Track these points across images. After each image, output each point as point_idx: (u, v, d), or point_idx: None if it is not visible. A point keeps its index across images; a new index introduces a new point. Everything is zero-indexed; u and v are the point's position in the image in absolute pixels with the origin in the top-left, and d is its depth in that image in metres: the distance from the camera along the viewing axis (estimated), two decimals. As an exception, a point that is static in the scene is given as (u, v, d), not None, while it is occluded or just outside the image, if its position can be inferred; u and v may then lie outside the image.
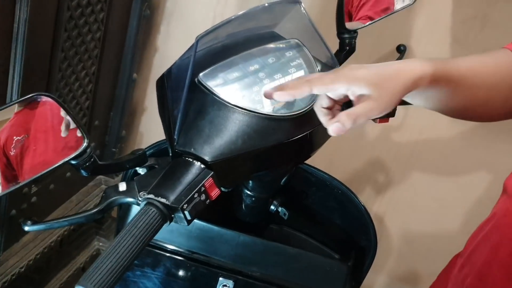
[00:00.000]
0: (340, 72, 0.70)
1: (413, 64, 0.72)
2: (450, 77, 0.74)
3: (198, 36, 0.73)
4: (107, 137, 1.68)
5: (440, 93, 0.75)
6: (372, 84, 0.68)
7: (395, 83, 0.69)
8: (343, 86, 0.68)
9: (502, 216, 0.79)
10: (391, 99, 0.68)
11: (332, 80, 0.69)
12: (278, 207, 0.96)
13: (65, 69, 1.32)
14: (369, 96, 0.67)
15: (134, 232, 0.66)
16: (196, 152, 0.73)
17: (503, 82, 0.79)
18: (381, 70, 0.70)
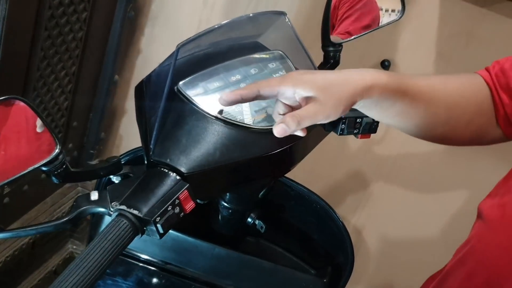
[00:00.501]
0: (287, 76, 0.71)
1: (365, 73, 0.72)
2: (405, 90, 0.73)
3: (179, 44, 0.71)
4: (86, 139, 1.65)
5: (396, 106, 0.74)
6: (318, 87, 0.68)
7: (341, 89, 0.69)
8: (288, 88, 0.69)
9: (477, 242, 0.78)
10: (337, 105, 0.68)
11: (279, 82, 0.70)
12: (255, 220, 0.94)
13: (44, 69, 1.29)
14: (314, 99, 0.68)
15: (104, 244, 0.63)
16: (172, 163, 0.71)
17: (465, 103, 0.78)
18: (329, 76, 0.70)
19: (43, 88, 1.33)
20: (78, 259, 0.62)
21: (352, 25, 0.99)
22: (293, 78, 0.70)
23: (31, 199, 1.51)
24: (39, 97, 1.33)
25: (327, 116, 0.69)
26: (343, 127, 0.85)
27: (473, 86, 0.79)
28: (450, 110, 0.78)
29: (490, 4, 1.34)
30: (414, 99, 0.75)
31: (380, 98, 0.72)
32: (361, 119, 0.86)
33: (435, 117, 0.78)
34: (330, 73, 0.71)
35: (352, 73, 0.71)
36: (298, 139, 0.77)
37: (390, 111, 0.76)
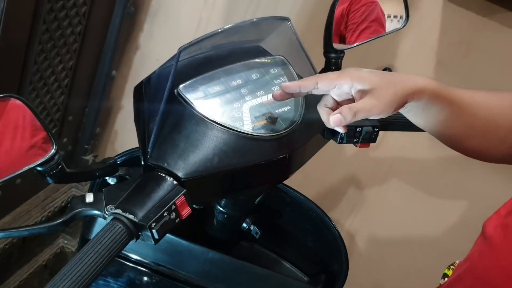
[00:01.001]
0: (345, 70, 0.74)
1: (417, 77, 0.74)
2: (452, 99, 0.76)
3: (181, 47, 0.69)
4: (81, 134, 1.64)
5: (440, 113, 0.77)
6: (375, 83, 0.71)
7: (397, 87, 0.71)
8: (346, 82, 0.71)
9: (477, 260, 0.77)
10: (391, 101, 0.71)
11: (338, 76, 0.72)
12: (250, 225, 0.94)
13: (41, 62, 1.28)
14: (370, 95, 0.71)
15: (98, 248, 0.63)
16: (169, 167, 0.70)
17: (503, 120, 0.79)
18: (385, 75, 0.73)
19: (40, 81, 1.31)
20: (71, 262, 0.61)
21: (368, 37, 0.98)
22: (351, 73, 0.72)
23: (23, 193, 1.49)
24: (35, 90, 1.31)
25: (380, 112, 0.71)
26: (342, 135, 0.84)
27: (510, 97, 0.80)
28: (488, 124, 0.79)
29: (491, 13, 1.34)
30: (458, 108, 0.77)
31: (428, 103, 0.74)
32: (361, 128, 0.85)
33: (474, 129, 0.80)
34: (385, 73, 0.74)
35: (404, 76, 0.74)
36: (297, 147, 0.76)
37: (435, 118, 0.78)
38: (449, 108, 0.76)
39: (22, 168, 0.66)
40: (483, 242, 0.76)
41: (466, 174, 1.50)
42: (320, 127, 0.83)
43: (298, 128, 0.77)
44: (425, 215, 1.61)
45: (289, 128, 0.76)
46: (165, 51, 1.65)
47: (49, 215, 1.55)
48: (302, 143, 0.78)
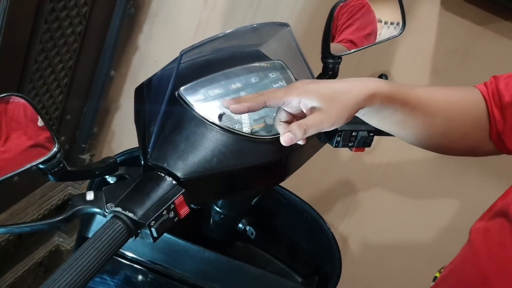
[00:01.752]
0: (292, 86, 0.72)
1: (367, 82, 0.74)
2: (406, 100, 0.76)
3: (183, 51, 0.71)
4: (78, 132, 1.65)
5: (396, 115, 0.77)
6: (322, 97, 0.70)
7: (346, 97, 0.71)
8: (294, 98, 0.71)
9: (460, 262, 0.80)
10: (341, 113, 0.70)
11: (284, 93, 0.71)
12: (246, 225, 0.95)
13: (42, 61, 1.29)
14: (319, 108, 0.70)
15: (98, 245, 0.64)
16: (169, 167, 0.72)
17: (463, 116, 0.80)
18: (333, 85, 0.72)
19: (39, 80, 1.32)
20: (72, 258, 0.62)
21: (353, 34, 1.00)
22: (298, 88, 0.71)
23: (20, 190, 1.51)
24: (35, 89, 1.32)
25: (332, 124, 0.71)
26: (338, 139, 0.86)
27: (471, 100, 0.81)
28: (448, 123, 0.80)
29: (487, 22, 1.36)
30: (414, 109, 0.77)
31: (381, 106, 0.74)
32: (357, 133, 0.87)
33: (433, 128, 0.80)
34: (334, 82, 0.73)
35: (355, 82, 0.73)
36: (294, 150, 0.78)
37: (390, 120, 0.78)
38: (404, 109, 0.76)
39: (24, 165, 0.68)
40: (467, 245, 0.79)
41: (459, 180, 1.52)
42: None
43: (295, 131, 0.79)
44: (417, 219, 1.62)
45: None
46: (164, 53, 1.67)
47: (45, 213, 1.56)
48: (299, 146, 0.79)
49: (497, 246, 0.75)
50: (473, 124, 0.81)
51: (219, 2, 1.54)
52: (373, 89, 0.72)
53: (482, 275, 0.75)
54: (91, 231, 0.94)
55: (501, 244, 0.74)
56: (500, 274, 0.73)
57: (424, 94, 0.78)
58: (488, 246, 0.76)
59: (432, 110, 0.78)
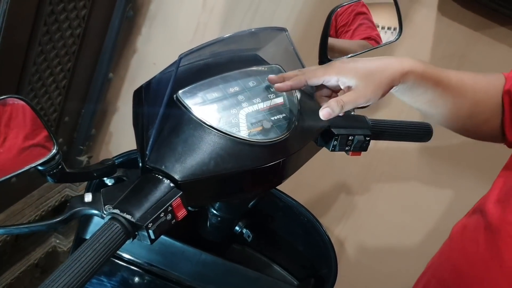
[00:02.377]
0: (331, 65, 0.78)
1: (404, 60, 0.78)
2: (438, 80, 0.80)
3: (182, 54, 0.72)
4: (76, 134, 1.66)
5: (426, 94, 0.81)
6: (359, 76, 0.76)
7: (381, 75, 0.76)
8: (333, 77, 0.77)
9: (437, 257, 0.84)
10: (376, 90, 0.76)
11: (324, 72, 0.78)
12: (243, 228, 0.96)
13: (41, 63, 1.30)
14: (356, 86, 0.75)
15: (96, 246, 0.64)
16: (166, 170, 0.72)
17: (488, 101, 0.83)
18: (370, 64, 0.77)
19: (38, 82, 1.33)
20: (69, 260, 0.63)
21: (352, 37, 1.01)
22: (337, 67, 0.77)
23: (18, 191, 1.51)
24: (33, 91, 1.33)
25: (367, 101, 0.76)
26: (335, 143, 0.87)
27: (497, 87, 0.84)
28: (474, 106, 0.84)
29: (483, 28, 1.37)
30: (444, 90, 0.81)
31: (415, 84, 0.78)
32: (353, 137, 0.88)
33: (460, 110, 0.84)
34: (371, 61, 0.78)
35: (391, 60, 0.78)
36: (291, 154, 0.79)
37: (421, 98, 0.82)
38: (435, 89, 0.80)
39: (23, 167, 0.68)
40: (447, 241, 0.82)
41: (456, 184, 1.52)
42: (314, 134, 0.85)
43: (292, 135, 0.79)
44: (413, 223, 1.63)
45: (284, 135, 0.78)
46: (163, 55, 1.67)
47: (43, 214, 1.57)
48: (296, 149, 0.80)
49: (471, 242, 0.77)
50: (496, 110, 0.84)
51: (217, 5, 1.55)
52: (408, 67, 0.77)
53: (456, 270, 0.78)
54: (88, 233, 0.94)
55: (474, 240, 0.76)
56: (471, 270, 0.75)
57: (454, 77, 0.82)
58: (463, 242, 0.79)
59: (461, 92, 0.82)
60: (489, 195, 0.82)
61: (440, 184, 1.54)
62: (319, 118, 0.85)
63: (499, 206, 0.76)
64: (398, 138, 0.98)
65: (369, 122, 0.94)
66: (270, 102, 0.81)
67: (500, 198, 0.77)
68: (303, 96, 0.86)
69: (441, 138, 1.17)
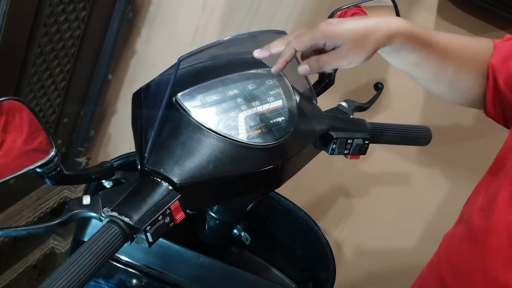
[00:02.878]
0: (318, 29, 0.76)
1: (392, 20, 0.78)
2: (426, 43, 0.79)
3: (181, 57, 0.72)
4: (75, 136, 1.65)
5: (413, 55, 0.80)
6: (344, 37, 0.74)
7: (367, 38, 0.75)
8: (320, 41, 0.75)
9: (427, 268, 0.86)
10: (360, 52, 0.75)
11: (311, 38, 0.75)
12: (241, 231, 0.96)
13: (40, 65, 1.30)
14: (341, 47, 0.75)
15: (94, 249, 0.64)
16: (165, 172, 0.72)
17: (473, 69, 0.83)
18: (357, 25, 0.76)
19: (37, 83, 1.33)
20: (67, 262, 0.63)
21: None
22: (323, 30, 0.75)
23: (16, 192, 1.51)
24: (32, 92, 1.33)
25: (349, 63, 0.76)
26: (334, 147, 0.87)
27: (485, 51, 0.84)
28: (458, 72, 0.83)
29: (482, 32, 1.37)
30: (430, 53, 0.80)
31: (401, 45, 0.78)
32: (352, 141, 0.88)
33: (444, 75, 0.84)
34: (358, 21, 0.77)
35: (379, 21, 0.77)
36: (290, 157, 0.79)
37: (405, 59, 0.82)
38: (421, 51, 0.79)
39: (22, 169, 0.68)
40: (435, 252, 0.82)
41: (454, 188, 1.52)
42: (312, 138, 0.85)
43: (291, 138, 0.79)
44: (412, 227, 1.63)
45: (283, 138, 0.78)
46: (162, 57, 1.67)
47: (41, 215, 1.57)
48: (295, 153, 0.80)
49: (456, 252, 0.77)
50: (480, 79, 0.84)
51: (217, 8, 1.55)
52: (395, 29, 0.76)
53: (441, 281, 0.77)
54: (87, 235, 0.94)
55: (459, 250, 0.76)
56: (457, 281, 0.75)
57: (442, 40, 0.81)
58: (450, 253, 0.79)
59: (447, 57, 0.82)
60: (473, 202, 0.82)
61: (439, 188, 1.54)
62: (318, 122, 0.85)
63: (483, 214, 0.76)
64: (397, 142, 0.99)
65: (368, 125, 0.94)
66: (269, 105, 0.81)
67: (483, 206, 0.77)
68: (302, 99, 0.86)
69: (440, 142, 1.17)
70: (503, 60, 0.82)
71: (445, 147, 1.45)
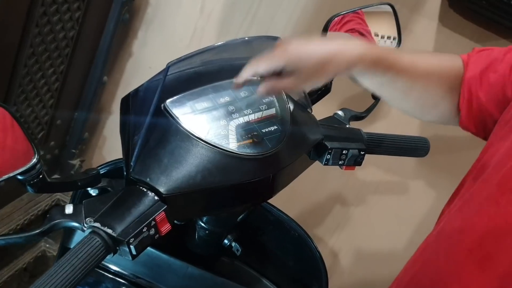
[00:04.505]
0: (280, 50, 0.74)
1: (355, 45, 0.77)
2: (390, 65, 0.78)
3: (170, 63, 0.69)
4: (68, 138, 1.63)
5: (378, 78, 0.80)
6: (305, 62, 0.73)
7: (329, 65, 0.74)
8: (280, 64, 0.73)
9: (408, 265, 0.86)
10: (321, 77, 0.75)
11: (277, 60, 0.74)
12: (231, 242, 0.93)
13: (32, 65, 1.27)
14: (299, 73, 0.73)
15: (74, 262, 0.62)
16: (151, 182, 0.69)
17: (440, 86, 0.83)
18: (322, 49, 0.74)
19: (29, 84, 1.30)
20: (45, 276, 0.60)
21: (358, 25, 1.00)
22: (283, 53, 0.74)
23: (6, 194, 1.48)
24: (24, 93, 1.30)
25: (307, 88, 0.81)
26: (328, 157, 0.84)
27: (452, 72, 0.83)
28: (424, 90, 0.84)
29: (484, 40, 1.35)
30: (395, 75, 0.80)
31: (363, 70, 0.77)
32: (347, 151, 0.86)
33: (410, 94, 0.84)
34: (325, 45, 0.76)
35: (346, 46, 0.76)
36: (282, 168, 0.76)
37: (370, 81, 0.83)
38: (386, 74, 0.79)
39: (2, 176, 0.65)
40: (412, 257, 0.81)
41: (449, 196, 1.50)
42: (306, 148, 0.82)
43: (283, 148, 0.77)
44: (409, 236, 1.60)
45: (275, 148, 0.75)
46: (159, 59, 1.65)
47: (32, 218, 1.54)
48: (287, 163, 0.77)
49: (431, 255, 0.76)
50: (447, 95, 0.84)
51: (215, 11, 1.53)
52: (357, 55, 0.75)
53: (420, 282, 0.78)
54: (73, 242, 0.92)
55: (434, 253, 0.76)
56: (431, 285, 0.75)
57: (408, 60, 0.81)
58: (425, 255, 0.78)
59: (412, 76, 0.81)
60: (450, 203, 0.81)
61: (437, 198, 1.52)
62: (312, 131, 0.83)
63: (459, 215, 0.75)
64: (394, 153, 0.96)
65: (365, 135, 0.91)
66: (262, 113, 0.79)
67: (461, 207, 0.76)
68: (296, 108, 0.83)
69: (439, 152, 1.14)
70: (481, 73, 0.81)
71: (444, 157, 1.43)
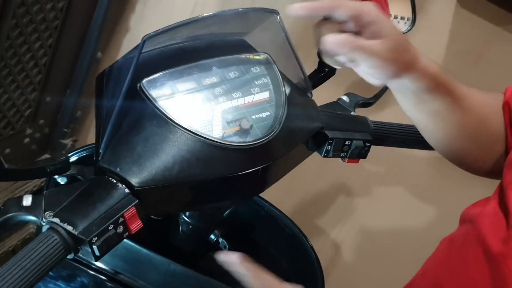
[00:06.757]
0: (372, 9, 0.61)
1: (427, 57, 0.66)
2: (451, 89, 0.67)
3: (145, 36, 0.60)
4: (60, 116, 1.54)
5: (435, 103, 0.67)
6: (394, 34, 0.62)
7: (406, 52, 0.63)
8: (371, 17, 0.61)
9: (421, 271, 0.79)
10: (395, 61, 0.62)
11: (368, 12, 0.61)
12: (218, 237, 0.84)
13: (16, 38, 1.18)
14: (382, 41, 0.61)
15: (26, 264, 0.53)
16: (122, 173, 0.61)
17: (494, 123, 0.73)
18: (401, 34, 0.63)
19: (13, 58, 1.21)
20: (-10, 279, 0.52)
21: None
22: (378, 14, 0.61)
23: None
24: (7, 67, 1.21)
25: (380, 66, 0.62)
26: (328, 148, 0.75)
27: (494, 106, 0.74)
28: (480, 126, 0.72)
29: (506, 23, 1.25)
30: (454, 102, 0.68)
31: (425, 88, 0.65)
32: (350, 142, 0.76)
33: (465, 129, 0.72)
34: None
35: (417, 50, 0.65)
36: (273, 160, 0.67)
37: (425, 106, 0.69)
38: (445, 99, 0.67)
39: None
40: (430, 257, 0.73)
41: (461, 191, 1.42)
42: (304, 137, 0.73)
43: (277, 137, 0.67)
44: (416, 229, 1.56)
45: (266, 137, 0.66)
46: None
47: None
48: (280, 155, 0.68)
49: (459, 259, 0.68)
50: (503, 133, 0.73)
51: (217, -16, 1.44)
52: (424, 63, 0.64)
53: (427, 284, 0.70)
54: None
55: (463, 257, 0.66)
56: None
57: (465, 88, 0.70)
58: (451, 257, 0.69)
59: (469, 107, 0.70)
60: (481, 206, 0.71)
61: (446, 190, 1.45)
62: (311, 118, 0.73)
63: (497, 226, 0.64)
64: (403, 145, 0.87)
65: (371, 125, 0.82)
66: (253, 97, 0.69)
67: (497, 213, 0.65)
68: (294, 91, 0.74)
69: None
70: None
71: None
